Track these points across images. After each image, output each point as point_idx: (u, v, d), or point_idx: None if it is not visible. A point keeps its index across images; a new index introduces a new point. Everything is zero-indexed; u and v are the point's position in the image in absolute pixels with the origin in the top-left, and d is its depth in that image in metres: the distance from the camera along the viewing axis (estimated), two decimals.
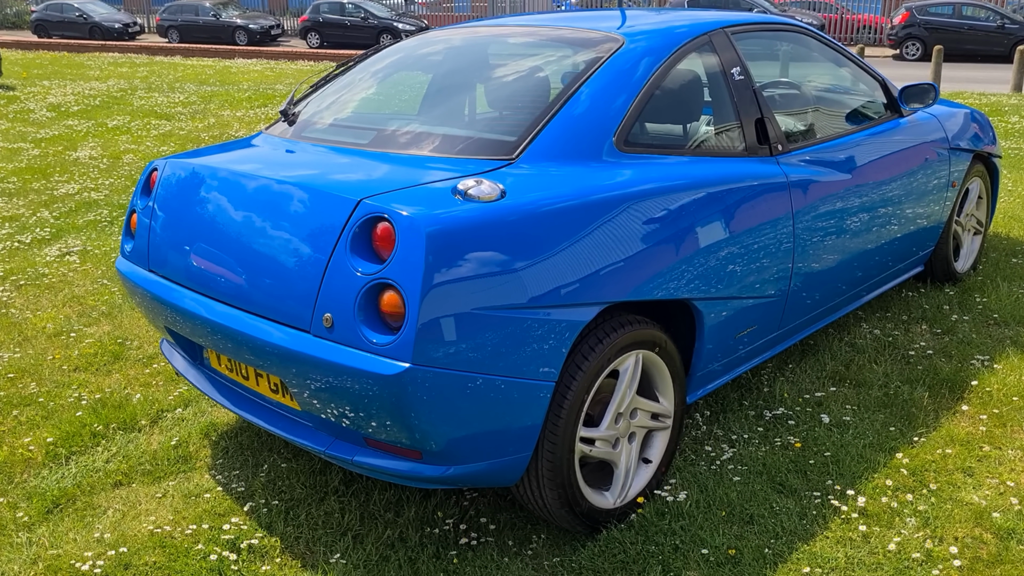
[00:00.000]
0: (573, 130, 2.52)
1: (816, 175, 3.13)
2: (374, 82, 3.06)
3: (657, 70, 2.76)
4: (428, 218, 2.11)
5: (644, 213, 2.47)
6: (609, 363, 2.44)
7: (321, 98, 3.08)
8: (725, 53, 3.02)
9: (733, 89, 2.97)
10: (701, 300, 2.68)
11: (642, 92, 2.68)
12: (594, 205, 2.36)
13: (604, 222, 2.37)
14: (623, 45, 2.79)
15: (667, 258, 2.52)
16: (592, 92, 2.61)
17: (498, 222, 2.18)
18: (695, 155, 2.77)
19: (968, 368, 3.49)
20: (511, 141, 2.49)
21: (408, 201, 2.18)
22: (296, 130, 2.89)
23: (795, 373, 3.49)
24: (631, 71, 2.70)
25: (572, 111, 2.55)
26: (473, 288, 2.13)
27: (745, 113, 2.98)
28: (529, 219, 2.23)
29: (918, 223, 3.82)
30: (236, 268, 2.41)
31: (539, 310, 2.23)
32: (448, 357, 2.11)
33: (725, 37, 3.06)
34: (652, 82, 2.73)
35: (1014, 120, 9.73)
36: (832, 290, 3.38)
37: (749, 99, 3.00)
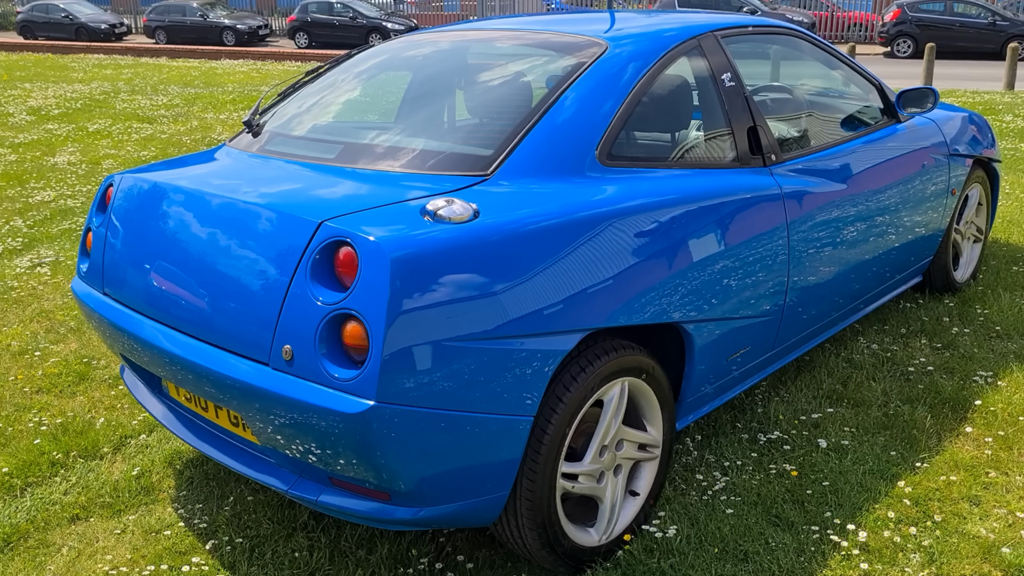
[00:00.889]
0: (552, 143, 2.35)
1: (811, 186, 2.97)
2: (344, 90, 2.89)
3: (642, 78, 2.60)
4: (394, 242, 1.94)
5: (628, 232, 2.31)
6: (593, 393, 2.28)
7: (288, 107, 2.91)
8: (715, 58, 2.85)
9: (724, 96, 2.81)
10: (691, 323, 2.52)
11: (626, 102, 2.52)
12: (575, 225, 2.20)
13: (586, 243, 2.21)
14: (607, 51, 2.63)
15: (654, 280, 2.36)
16: (573, 102, 2.44)
17: (471, 245, 2.02)
18: (683, 167, 2.61)
19: (970, 386, 3.34)
20: (487, 156, 2.32)
21: (373, 223, 2.02)
22: (259, 143, 2.72)
23: (790, 392, 3.33)
24: (615, 79, 2.54)
25: (551, 123, 2.38)
26: (444, 318, 1.96)
27: (736, 121, 2.82)
28: (505, 242, 2.07)
29: (917, 232, 3.67)
30: (192, 294, 2.25)
31: (516, 339, 2.07)
32: (416, 393, 1.95)
33: (715, 41, 2.90)
34: (637, 90, 2.56)
35: (1008, 119, 9.60)
36: (829, 305, 3.22)
37: (741, 106, 2.84)
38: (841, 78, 3.61)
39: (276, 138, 2.70)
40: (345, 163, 2.42)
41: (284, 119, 2.83)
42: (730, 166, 2.75)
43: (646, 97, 2.60)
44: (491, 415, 2.06)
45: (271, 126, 2.81)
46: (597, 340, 2.33)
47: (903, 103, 3.57)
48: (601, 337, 2.35)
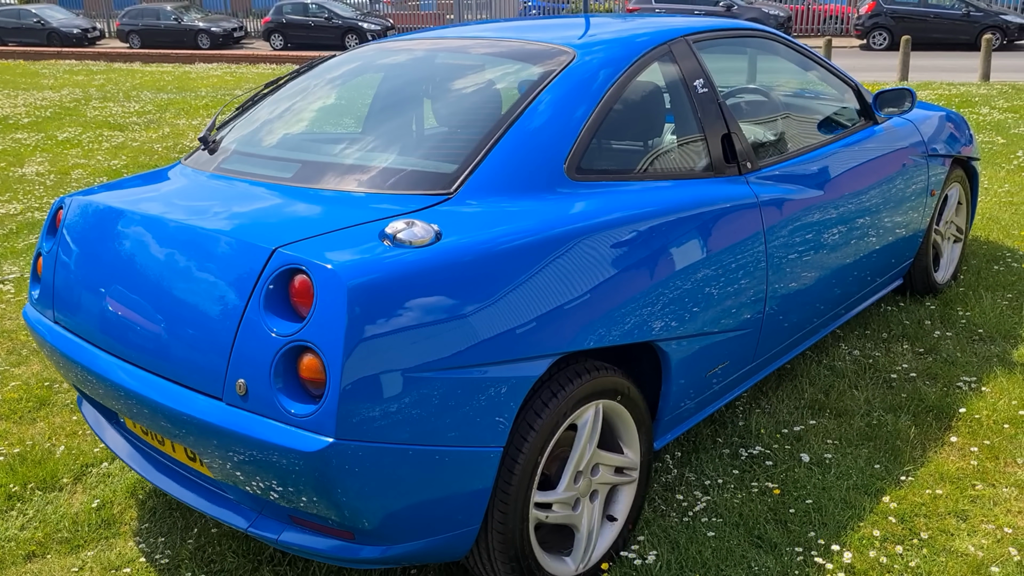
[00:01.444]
0: (518, 159, 2.26)
1: (789, 192, 2.89)
2: (303, 104, 2.78)
3: (612, 87, 2.50)
4: (351, 269, 1.84)
5: (598, 250, 2.22)
6: (565, 418, 2.19)
7: (245, 122, 2.80)
8: (687, 64, 2.77)
9: (696, 103, 2.72)
10: (666, 340, 2.43)
11: (595, 113, 2.43)
12: (542, 244, 2.10)
13: (553, 264, 2.11)
14: (574, 59, 2.54)
15: (626, 298, 2.27)
16: (539, 115, 2.35)
17: (433, 270, 1.92)
18: (655, 179, 2.52)
19: (954, 392, 3.27)
20: (450, 173, 2.23)
21: (329, 249, 1.92)
22: (215, 161, 2.60)
23: (772, 403, 3.25)
24: (583, 89, 2.45)
25: (516, 138, 2.28)
26: (405, 348, 1.86)
27: (710, 129, 2.73)
28: (469, 265, 1.97)
29: (896, 235, 3.60)
30: (143, 325, 2.14)
31: (482, 367, 1.97)
32: (378, 428, 1.85)
33: (686, 46, 2.81)
34: (606, 101, 2.47)
35: (985, 112, 9.59)
36: (810, 313, 3.15)
37: (714, 113, 2.75)
38: (817, 80, 3.53)
39: (231, 156, 2.59)
40: (302, 183, 2.31)
41: (241, 135, 2.72)
42: (704, 176, 2.66)
43: (616, 107, 2.51)
44: (458, 448, 1.97)
45: (227, 143, 2.70)
46: (569, 363, 2.24)
47: (880, 104, 3.50)
48: (573, 359, 2.26)
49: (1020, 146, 7.58)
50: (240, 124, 2.81)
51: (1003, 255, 4.68)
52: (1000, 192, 6.03)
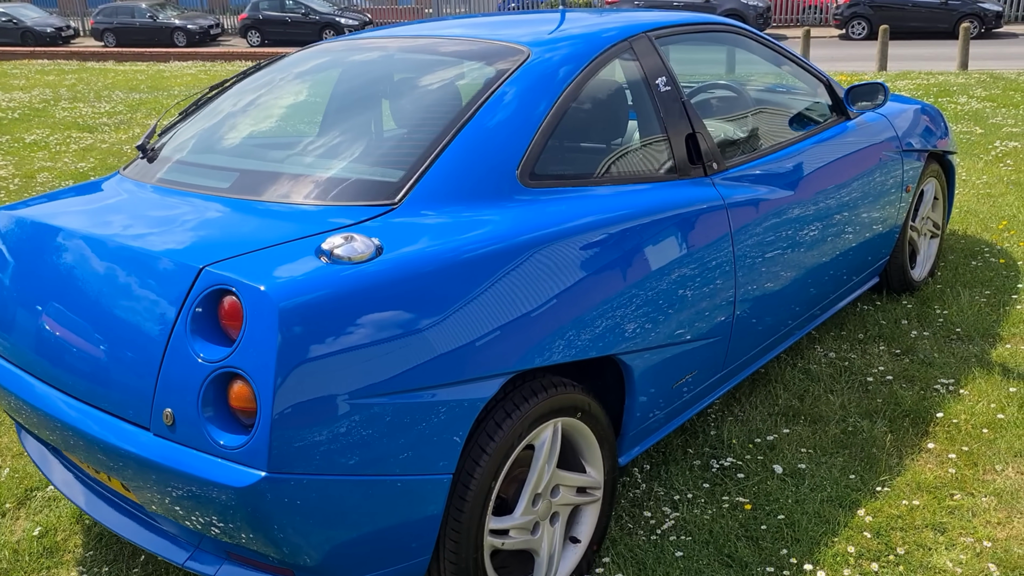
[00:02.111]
0: (467, 166, 2.14)
1: (757, 193, 2.78)
2: (246, 109, 2.65)
3: (568, 87, 2.39)
4: (283, 289, 1.72)
5: (554, 261, 2.10)
6: (521, 439, 2.07)
7: (187, 129, 2.67)
8: (648, 61, 2.65)
9: (659, 103, 2.61)
10: (628, 353, 2.32)
11: (551, 114, 2.31)
12: (493, 257, 1.98)
13: (505, 277, 1.99)
14: (528, 58, 2.41)
15: (584, 312, 2.16)
16: (490, 119, 2.22)
17: (373, 288, 1.80)
18: (614, 183, 2.41)
19: (931, 395, 3.18)
20: (394, 182, 2.10)
21: (260, 268, 1.79)
22: (152, 171, 2.47)
23: (745, 410, 3.15)
24: (537, 90, 2.33)
25: (465, 143, 2.16)
26: (343, 373, 1.74)
27: (673, 129, 2.61)
28: (412, 281, 1.85)
29: (871, 233, 3.50)
30: (72, 349, 2.01)
31: (428, 391, 1.85)
32: (315, 459, 1.73)
33: (648, 43, 2.69)
34: (562, 101, 2.35)
35: (963, 101, 9.52)
36: (784, 316, 3.04)
37: (678, 113, 2.64)
38: (787, 75, 3.43)
39: (169, 165, 2.46)
40: (239, 194, 2.18)
41: (180, 142, 2.58)
42: (667, 179, 2.55)
43: (572, 109, 2.39)
44: (403, 476, 1.85)
45: (167, 151, 2.57)
46: (525, 380, 2.13)
47: (852, 99, 3.39)
48: (529, 376, 2.14)
49: (998, 136, 7.52)
50: (181, 130, 2.67)
51: (981, 250, 4.60)
52: (978, 184, 5.95)
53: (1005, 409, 3.06)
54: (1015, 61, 14.93)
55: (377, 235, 1.93)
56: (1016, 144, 7.11)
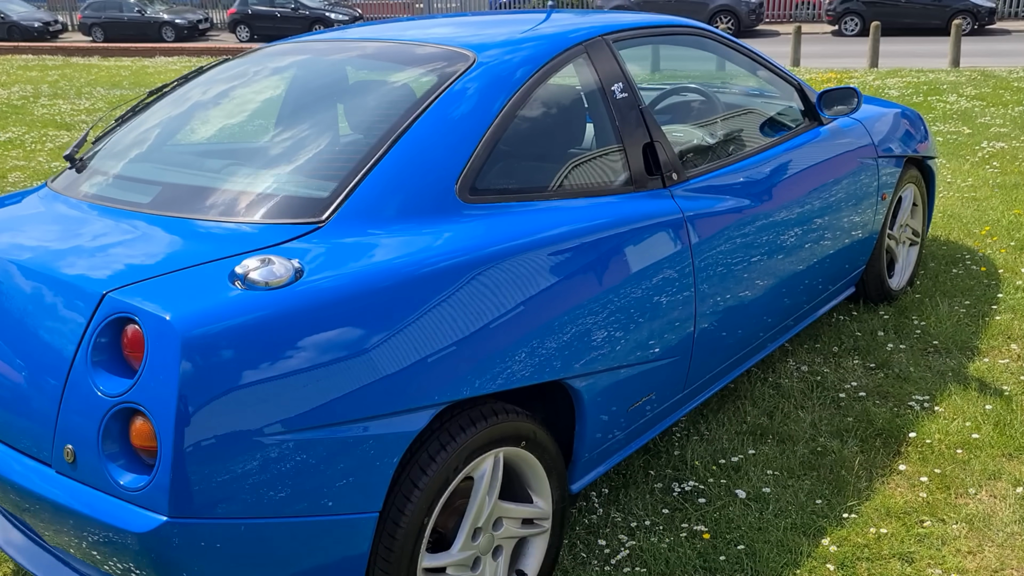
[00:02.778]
0: (400, 181, 2.01)
1: (721, 204, 2.66)
2: (182, 116, 2.51)
3: (515, 94, 2.26)
4: (188, 318, 1.59)
5: (492, 283, 1.97)
6: (457, 472, 1.95)
7: (120, 137, 2.53)
8: (604, 66, 2.52)
9: (614, 110, 2.48)
10: (577, 378, 2.19)
11: (495, 124, 2.18)
12: (424, 280, 1.86)
13: (440, 300, 1.86)
14: (473, 64, 2.28)
15: (525, 336, 2.03)
16: (428, 130, 2.09)
17: (289, 315, 1.67)
18: (563, 197, 2.28)
19: (905, 413, 3.06)
20: (322, 199, 1.97)
21: (165, 294, 1.66)
22: (78, 184, 2.33)
23: (712, 429, 3.03)
24: (481, 98, 2.20)
25: (400, 156, 2.03)
26: (255, 407, 1.62)
27: (629, 139, 2.48)
28: (334, 307, 1.72)
29: (845, 242, 3.38)
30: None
31: (349, 425, 1.73)
32: (222, 501, 1.61)
33: (605, 47, 2.56)
34: (509, 110, 2.22)
35: (952, 100, 9.40)
36: (752, 330, 2.92)
37: (635, 121, 2.51)
38: (756, 79, 3.30)
39: (95, 177, 2.32)
40: (159, 210, 2.05)
41: (111, 152, 2.44)
42: (621, 191, 2.42)
43: (519, 117, 2.26)
44: (323, 517, 1.72)
45: (96, 161, 2.43)
46: (464, 408, 2.00)
47: (824, 104, 3.26)
48: (468, 405, 2.02)
49: (985, 136, 7.40)
50: (114, 139, 2.54)
51: (963, 256, 4.48)
52: (963, 187, 5.83)
53: (980, 428, 2.94)
54: (1007, 58, 14.82)
55: (299, 256, 1.80)
56: (1003, 145, 7.00)
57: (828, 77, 12.20)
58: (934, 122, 8.21)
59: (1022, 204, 5.32)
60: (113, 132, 2.62)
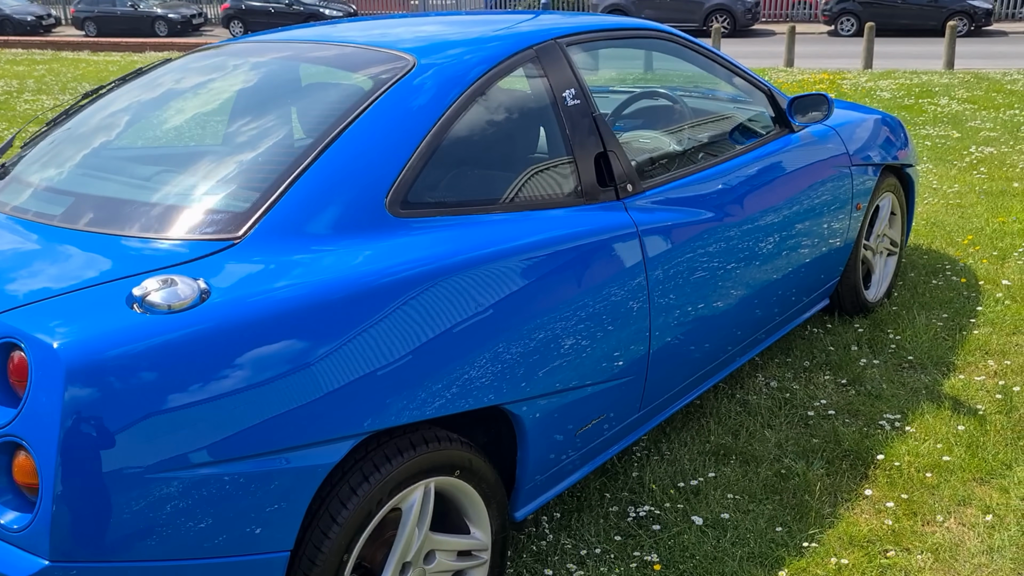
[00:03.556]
0: (326, 194, 1.88)
1: (680, 217, 2.54)
2: (111, 121, 2.39)
3: (456, 101, 2.13)
4: (76, 345, 1.47)
5: (422, 304, 1.85)
6: (381, 505, 1.83)
7: (48, 143, 2.41)
8: (556, 71, 2.40)
9: (565, 118, 2.36)
10: (517, 403, 2.07)
11: (432, 133, 2.06)
12: (345, 300, 1.74)
13: (359, 324, 1.74)
14: (412, 68, 2.16)
15: (460, 360, 1.91)
16: (358, 139, 1.97)
17: (191, 340, 1.55)
18: (506, 211, 2.15)
19: (874, 433, 2.94)
20: (240, 212, 1.85)
21: (57, 317, 1.54)
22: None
23: (674, 448, 2.91)
24: (418, 106, 2.08)
25: (326, 168, 1.91)
26: (149, 441, 1.50)
27: (580, 148, 2.36)
28: (242, 332, 1.60)
29: (818, 254, 3.26)
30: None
31: (254, 460, 1.61)
32: (109, 544, 1.49)
33: (558, 50, 2.44)
34: (448, 118, 2.10)
35: (943, 103, 9.29)
36: (718, 345, 2.81)
37: (587, 129, 2.39)
38: (723, 84, 3.18)
39: (12, 186, 2.20)
40: (69, 223, 1.93)
41: (34, 159, 2.32)
42: (570, 203, 2.30)
43: (460, 126, 2.14)
44: (226, 559, 1.60)
45: (18, 169, 2.31)
46: (393, 436, 1.88)
47: (794, 111, 3.14)
48: (398, 432, 1.90)
49: (975, 140, 7.29)
50: (41, 145, 2.42)
51: (943, 267, 4.36)
52: (948, 193, 5.71)
53: (952, 450, 2.82)
54: (1002, 60, 14.72)
55: (207, 276, 1.68)
56: (992, 150, 6.88)
57: (821, 78, 12.08)
58: (924, 125, 8.10)
59: (1007, 212, 5.21)
60: (42, 137, 2.50)
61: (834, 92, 10.61)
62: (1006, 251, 4.51)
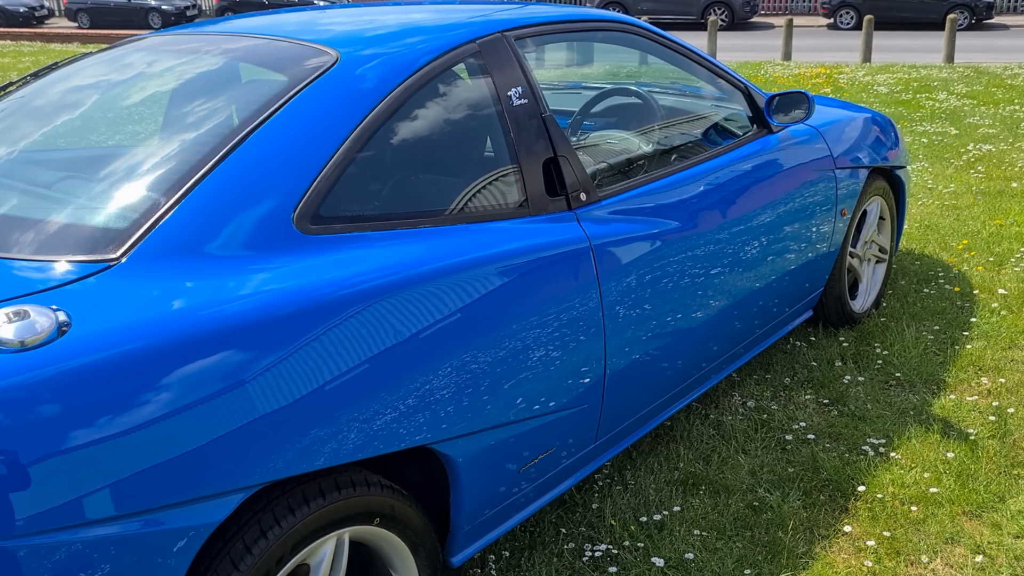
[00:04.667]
0: (221, 209, 1.66)
1: (640, 228, 2.31)
2: (6, 124, 2.16)
3: (384, 100, 1.91)
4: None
5: (333, 332, 1.62)
6: (282, 564, 1.61)
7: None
8: (502, 68, 2.17)
9: (510, 120, 2.12)
10: (447, 442, 1.85)
11: (353, 138, 1.83)
12: (236, 334, 1.51)
13: (252, 359, 1.52)
14: (334, 64, 1.93)
15: (377, 396, 1.69)
16: (263, 146, 1.74)
17: (44, 382, 1.33)
18: (439, 224, 1.93)
19: (856, 460, 2.72)
20: (120, 230, 1.62)
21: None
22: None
23: (639, 476, 2.69)
24: (337, 106, 1.85)
25: (224, 179, 1.68)
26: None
27: (527, 153, 2.13)
28: (107, 371, 1.38)
29: (799, 263, 3.04)
30: None
31: (119, 522, 1.39)
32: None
33: (504, 45, 2.21)
34: (373, 120, 1.87)
35: (942, 98, 9.05)
36: (689, 364, 2.59)
37: (535, 132, 2.16)
38: (696, 81, 2.95)
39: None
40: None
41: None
42: (514, 215, 2.07)
43: (387, 130, 1.91)
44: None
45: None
46: (301, 483, 1.66)
47: (773, 111, 2.91)
48: (307, 478, 1.67)
49: (973, 138, 7.05)
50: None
51: (936, 274, 4.13)
52: (944, 193, 5.48)
53: (940, 480, 2.60)
54: (1003, 54, 14.47)
55: (70, 305, 1.46)
56: (991, 148, 6.65)
57: (818, 72, 11.84)
58: (920, 122, 7.86)
59: (1005, 214, 4.98)
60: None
61: (831, 87, 10.37)
62: (1003, 257, 4.28)
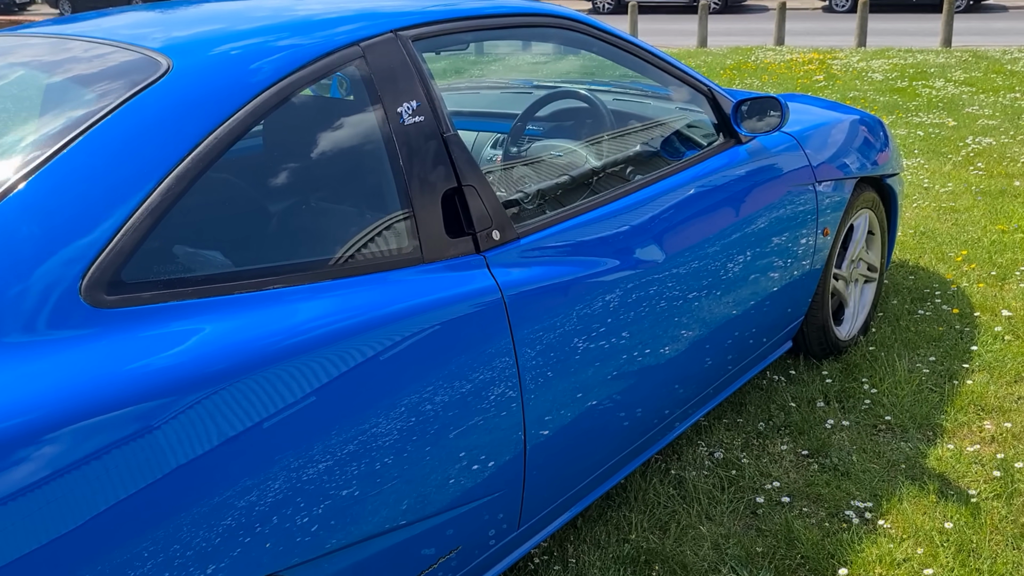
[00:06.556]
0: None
1: (570, 270, 1.90)
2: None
3: (223, 125, 1.48)
4: None
5: (136, 440, 1.21)
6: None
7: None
8: (392, 78, 1.74)
9: (399, 142, 1.70)
10: (304, 564, 1.44)
11: (176, 174, 1.41)
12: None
13: (12, 482, 1.11)
14: (163, 76, 1.51)
15: (195, 520, 1.28)
16: (46, 189, 1.33)
17: None
18: (297, 283, 1.51)
19: (838, 531, 2.32)
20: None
21: None
22: None
23: (581, 552, 2.28)
24: (159, 133, 1.43)
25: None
26: None
27: (421, 184, 1.71)
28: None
29: (773, 291, 2.63)
30: None
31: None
32: None
33: (397, 48, 1.78)
34: (206, 151, 1.45)
35: (939, 85, 8.61)
36: (646, 413, 2.19)
37: (432, 156, 1.74)
38: (651, 84, 2.53)
39: None
40: None
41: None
42: (402, 264, 1.65)
43: (229, 161, 1.50)
44: None
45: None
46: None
47: (741, 118, 2.49)
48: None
49: (972, 130, 6.62)
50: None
51: (932, 291, 3.71)
52: (941, 194, 5.06)
53: (937, 557, 2.20)
54: (1002, 37, 14.02)
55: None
56: (991, 140, 6.23)
57: (811, 58, 11.39)
58: (916, 112, 7.43)
59: (1007, 218, 4.56)
60: None
61: (823, 73, 9.93)
62: (1006, 270, 3.87)
